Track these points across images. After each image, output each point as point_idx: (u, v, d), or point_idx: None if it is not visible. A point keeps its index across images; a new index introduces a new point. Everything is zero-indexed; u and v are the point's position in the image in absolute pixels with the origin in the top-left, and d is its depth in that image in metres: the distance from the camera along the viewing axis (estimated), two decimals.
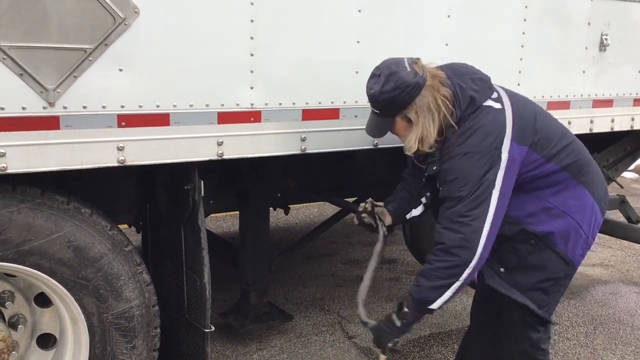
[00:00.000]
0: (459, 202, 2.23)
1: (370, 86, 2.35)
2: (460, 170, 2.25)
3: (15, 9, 2.00)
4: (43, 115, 2.11)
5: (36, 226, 2.27)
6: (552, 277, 2.43)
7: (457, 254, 2.22)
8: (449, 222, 2.25)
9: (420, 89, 2.27)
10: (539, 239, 2.39)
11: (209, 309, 2.68)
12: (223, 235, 5.80)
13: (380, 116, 2.39)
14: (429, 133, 2.30)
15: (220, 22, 2.38)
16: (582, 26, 3.44)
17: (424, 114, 2.28)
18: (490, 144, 2.25)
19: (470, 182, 2.23)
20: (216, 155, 2.46)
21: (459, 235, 2.22)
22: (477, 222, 2.22)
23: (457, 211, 2.24)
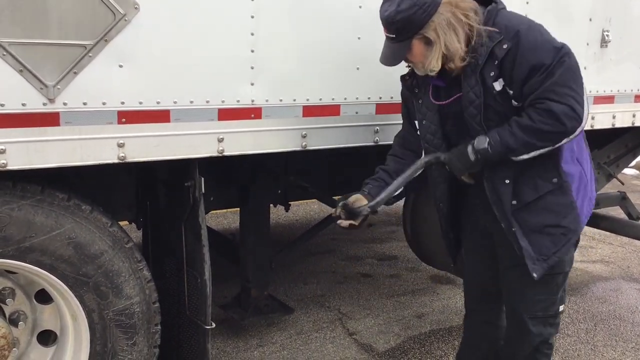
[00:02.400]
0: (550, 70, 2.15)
1: (385, 9, 2.26)
2: (534, 35, 2.19)
3: (15, 5, 2.00)
4: (43, 112, 2.11)
5: (37, 223, 2.27)
6: (562, 225, 2.37)
7: (564, 123, 2.16)
8: (550, 92, 2.15)
9: (438, 5, 2.20)
10: (562, 179, 2.34)
11: (209, 305, 2.68)
12: (223, 231, 5.80)
13: (396, 40, 2.28)
14: (454, 49, 2.22)
15: (221, 18, 2.37)
16: (583, 22, 3.43)
17: (444, 30, 2.21)
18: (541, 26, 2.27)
19: (550, 45, 2.18)
20: (217, 151, 2.46)
21: (567, 107, 2.15)
22: (578, 95, 2.17)
23: (555, 82, 2.15)
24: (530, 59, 2.18)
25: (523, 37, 2.19)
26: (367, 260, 5.36)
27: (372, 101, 2.82)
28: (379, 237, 5.95)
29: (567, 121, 2.16)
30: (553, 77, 2.16)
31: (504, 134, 2.24)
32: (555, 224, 2.38)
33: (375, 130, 2.87)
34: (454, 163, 2.38)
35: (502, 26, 2.24)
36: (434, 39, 2.22)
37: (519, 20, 2.28)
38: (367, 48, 2.71)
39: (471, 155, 2.30)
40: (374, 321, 4.15)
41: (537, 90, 2.17)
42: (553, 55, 2.17)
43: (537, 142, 2.22)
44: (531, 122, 2.19)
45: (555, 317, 2.54)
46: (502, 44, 2.21)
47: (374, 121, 2.85)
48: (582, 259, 5.47)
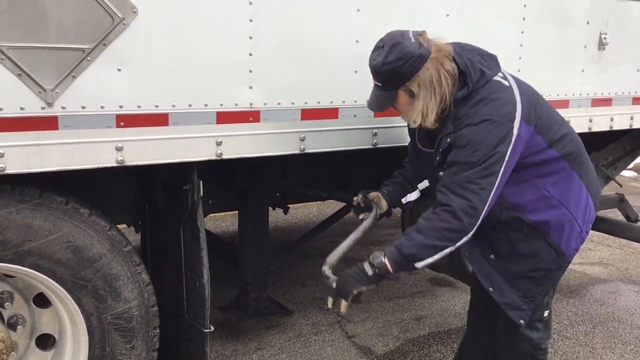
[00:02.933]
0: (470, 168, 2.18)
1: (373, 58, 2.31)
2: (475, 135, 2.20)
3: (14, 8, 2.00)
4: (41, 116, 2.11)
5: (35, 227, 2.27)
6: (542, 268, 2.41)
7: (461, 219, 2.17)
8: (458, 187, 2.19)
9: (425, 60, 2.23)
10: (533, 228, 2.37)
11: (208, 309, 2.68)
12: (222, 234, 5.80)
13: (383, 89, 2.34)
14: (431, 108, 2.26)
15: (219, 21, 2.37)
16: (581, 25, 3.44)
17: (427, 88, 2.24)
18: (506, 114, 2.22)
19: (483, 149, 2.18)
20: (215, 155, 2.46)
21: (467, 201, 2.17)
22: (485, 193, 2.18)
23: (467, 177, 2.18)
24: (460, 153, 2.23)
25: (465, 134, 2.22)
26: None
27: None
28: (377, 239, 5.94)
29: (464, 217, 2.17)
30: (467, 171, 2.19)
31: (402, 242, 2.26)
32: (534, 269, 2.42)
33: (374, 133, 2.87)
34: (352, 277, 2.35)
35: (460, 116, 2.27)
36: (417, 93, 2.27)
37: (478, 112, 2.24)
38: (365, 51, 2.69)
39: (368, 270, 2.31)
40: (372, 324, 4.15)
41: (448, 179, 2.23)
42: (482, 157, 2.18)
43: (437, 242, 2.20)
44: (428, 222, 2.22)
45: (541, 321, 2.56)
46: (448, 137, 2.30)
47: (373, 124, 2.85)
48: (580, 261, 5.48)
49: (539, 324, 2.56)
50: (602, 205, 4.48)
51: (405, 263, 2.26)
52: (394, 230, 6.15)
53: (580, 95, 3.50)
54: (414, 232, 2.25)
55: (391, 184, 2.74)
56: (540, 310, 2.54)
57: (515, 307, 2.45)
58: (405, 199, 2.76)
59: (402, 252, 2.25)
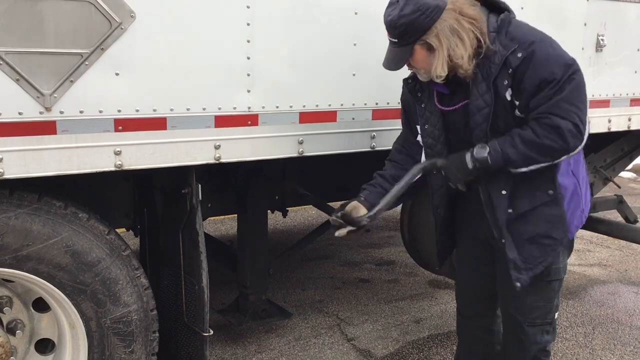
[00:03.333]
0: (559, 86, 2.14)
1: (388, 13, 2.27)
2: (545, 53, 2.17)
3: (11, 14, 2.00)
4: (40, 120, 2.11)
5: (34, 231, 2.27)
6: (551, 236, 2.38)
7: (567, 140, 2.16)
8: (557, 109, 2.15)
9: (441, 11, 2.19)
10: (557, 191, 2.35)
11: (207, 312, 2.68)
12: (221, 238, 5.80)
13: (398, 45, 2.28)
14: (460, 54, 2.20)
15: (217, 25, 2.38)
16: (578, 27, 3.45)
17: (447, 37, 2.20)
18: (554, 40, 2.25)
19: (562, 60, 2.17)
20: (213, 159, 2.46)
21: (572, 123, 2.15)
22: (582, 113, 2.18)
23: (564, 98, 2.15)
24: (541, 71, 2.17)
25: (536, 49, 2.18)
26: (365, 266, 5.36)
27: (368, 107, 2.83)
28: (376, 242, 5.95)
29: (570, 139, 2.17)
30: (561, 93, 2.15)
31: (505, 145, 2.23)
32: (546, 235, 2.39)
33: (372, 136, 2.87)
34: (451, 170, 2.37)
35: (516, 36, 2.23)
36: (436, 46, 2.21)
37: (532, 31, 2.27)
38: (363, 54, 2.72)
39: (469, 163, 2.29)
40: (372, 326, 4.15)
41: (544, 104, 2.17)
42: (564, 70, 2.16)
43: (537, 156, 2.22)
44: (535, 136, 2.19)
45: (552, 324, 2.55)
46: (517, 52, 2.20)
47: (371, 127, 2.86)
48: (579, 263, 5.48)
49: (549, 326, 2.54)
50: (601, 207, 4.50)
51: (503, 165, 2.26)
52: (393, 232, 6.15)
53: None
54: (519, 140, 2.21)
55: (369, 187, 2.62)
56: (552, 313, 2.53)
57: (517, 267, 2.41)
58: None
59: (506, 156, 2.23)
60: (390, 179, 2.58)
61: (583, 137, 2.21)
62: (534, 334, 2.51)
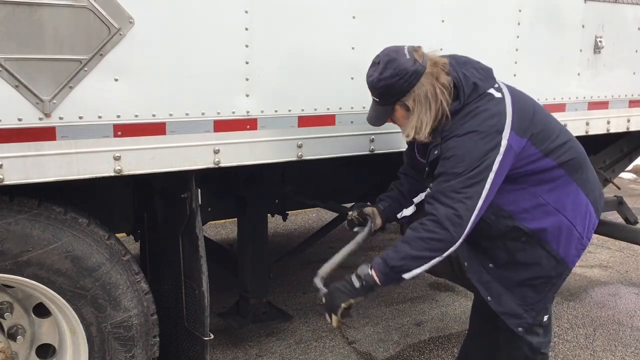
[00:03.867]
0: (455, 178, 2.21)
1: (370, 74, 2.35)
2: (461, 146, 2.23)
3: (10, 20, 2.01)
4: (39, 126, 2.12)
5: (34, 237, 2.28)
6: (542, 275, 2.42)
7: (447, 229, 2.18)
8: (443, 196, 2.22)
9: (420, 76, 2.26)
10: (530, 236, 2.38)
11: (207, 316, 2.68)
12: (222, 241, 5.80)
13: (380, 104, 2.39)
14: (425, 123, 2.29)
15: (215, 30, 2.38)
16: (576, 29, 3.46)
17: (421, 103, 2.27)
18: (492, 126, 2.24)
19: (469, 159, 2.21)
20: (213, 163, 2.47)
21: (453, 211, 2.19)
22: (471, 202, 2.20)
23: (452, 186, 2.21)
24: (445, 165, 2.26)
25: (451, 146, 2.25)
26: None
27: (367, 110, 2.80)
28: (377, 245, 5.94)
29: (450, 226, 2.19)
30: (453, 180, 2.21)
31: (388, 254, 2.27)
32: (534, 277, 2.43)
33: (371, 139, 2.88)
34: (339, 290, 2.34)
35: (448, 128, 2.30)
36: (412, 108, 2.30)
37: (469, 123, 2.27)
38: (362, 58, 2.72)
39: (355, 282, 2.31)
40: (373, 329, 4.15)
41: (434, 189, 2.26)
42: (467, 166, 2.20)
43: (424, 252, 2.22)
44: (414, 233, 2.24)
45: (541, 326, 2.57)
46: (435, 149, 2.32)
47: (370, 130, 2.86)
48: (580, 264, 5.48)
49: (539, 328, 2.56)
50: None
51: (392, 275, 2.27)
52: (394, 235, 6.15)
53: (576, 98, 3.51)
54: (400, 243, 2.27)
55: (387, 198, 2.74)
56: (540, 315, 2.54)
57: (514, 315, 2.46)
58: (401, 214, 2.76)
59: (389, 263, 2.25)
60: (407, 194, 2.73)
61: (465, 226, 2.20)
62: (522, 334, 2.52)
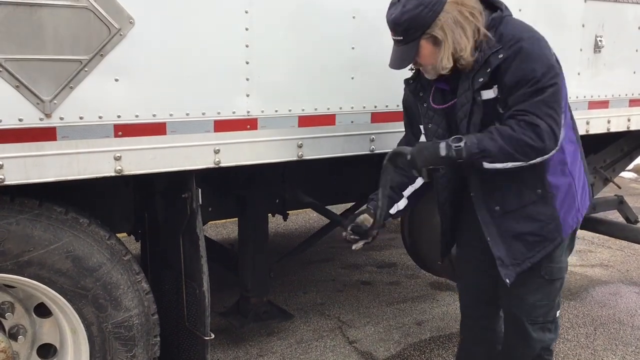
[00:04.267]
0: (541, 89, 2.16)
1: (391, 12, 2.28)
2: (531, 51, 2.19)
3: (11, 21, 2.01)
4: (40, 127, 2.12)
5: (35, 237, 2.28)
6: (539, 234, 2.39)
7: (545, 140, 2.17)
8: (539, 110, 2.16)
9: (443, 3, 2.21)
10: (546, 190, 2.35)
11: (208, 316, 2.68)
12: (223, 241, 5.81)
13: (404, 42, 2.29)
14: (464, 45, 2.23)
15: (215, 30, 2.39)
16: (576, 28, 3.45)
17: (452, 28, 2.21)
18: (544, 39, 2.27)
19: (545, 63, 2.18)
20: (213, 163, 2.47)
21: (551, 125, 2.17)
22: (559, 120, 2.20)
23: (544, 100, 2.16)
24: (523, 68, 2.19)
25: (523, 45, 2.20)
26: (366, 268, 5.36)
27: (367, 110, 2.84)
28: (377, 244, 5.95)
29: (547, 139, 2.18)
30: (542, 94, 2.17)
31: (483, 138, 2.24)
32: (532, 232, 2.40)
33: (371, 138, 2.88)
34: (422, 154, 2.30)
35: (505, 34, 2.24)
36: (442, 38, 2.23)
37: (523, 29, 2.27)
38: (362, 57, 2.73)
39: (443, 150, 2.26)
40: (374, 329, 4.15)
41: (524, 102, 2.19)
42: (544, 70, 2.18)
43: (514, 152, 2.21)
44: (512, 131, 2.20)
45: (553, 322, 2.56)
46: (499, 53, 2.22)
47: (370, 130, 2.87)
48: (581, 263, 5.48)
49: (551, 325, 2.55)
50: (601, 207, 4.50)
51: (478, 157, 2.24)
52: (394, 235, 6.15)
53: (576, 98, 3.51)
54: (497, 134, 2.21)
55: (375, 196, 2.63)
56: (553, 310, 2.54)
57: (503, 264, 2.43)
58: (395, 208, 2.71)
59: (482, 146, 2.22)
60: (397, 188, 2.63)
61: (558, 142, 2.21)
62: (536, 332, 2.52)
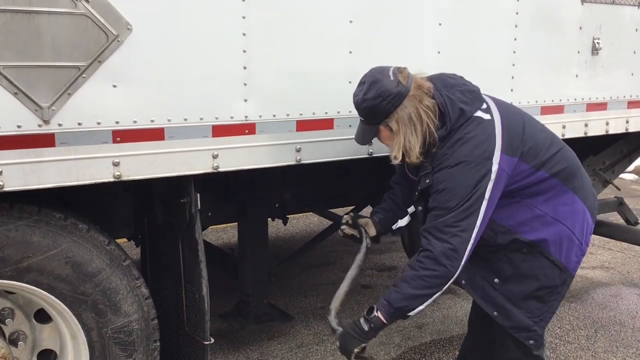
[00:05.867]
0: (448, 212, 2.23)
1: (355, 94, 2.37)
2: (452, 180, 2.25)
3: (9, 28, 2.02)
4: (38, 133, 2.13)
5: (34, 243, 2.29)
6: (547, 285, 2.43)
7: (444, 264, 2.22)
8: (438, 231, 2.24)
9: (403, 98, 2.27)
10: (532, 247, 2.39)
11: (208, 321, 2.69)
12: (223, 246, 5.81)
13: (365, 123, 2.41)
14: (412, 144, 2.29)
15: (213, 36, 2.40)
16: (574, 31, 3.46)
17: (405, 124, 2.28)
18: (482, 153, 2.25)
19: (461, 192, 2.22)
20: (211, 168, 2.48)
21: (448, 245, 2.21)
22: (466, 234, 2.22)
23: (445, 221, 2.23)
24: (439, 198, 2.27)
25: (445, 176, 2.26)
26: (367, 272, 5.36)
27: None
28: (378, 247, 5.95)
29: (445, 261, 2.22)
30: (447, 215, 2.23)
31: (391, 295, 2.30)
32: (540, 287, 2.44)
33: None
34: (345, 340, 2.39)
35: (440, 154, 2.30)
36: (395, 130, 2.31)
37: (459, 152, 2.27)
38: (359, 62, 2.73)
39: (365, 325, 2.35)
40: None
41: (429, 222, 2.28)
42: (459, 200, 2.22)
43: (424, 290, 2.26)
44: (414, 271, 2.26)
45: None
46: (425, 178, 2.33)
47: None
48: (581, 266, 5.39)
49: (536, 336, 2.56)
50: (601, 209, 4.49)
51: (398, 315, 2.33)
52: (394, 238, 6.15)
53: (575, 100, 3.52)
54: (401, 282, 2.30)
55: (381, 210, 2.75)
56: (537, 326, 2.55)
57: (524, 328, 2.46)
58: (396, 225, 2.78)
59: (393, 305, 2.30)
60: (402, 205, 2.74)
61: (462, 256, 2.23)
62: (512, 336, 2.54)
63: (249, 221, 3.60)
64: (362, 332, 2.36)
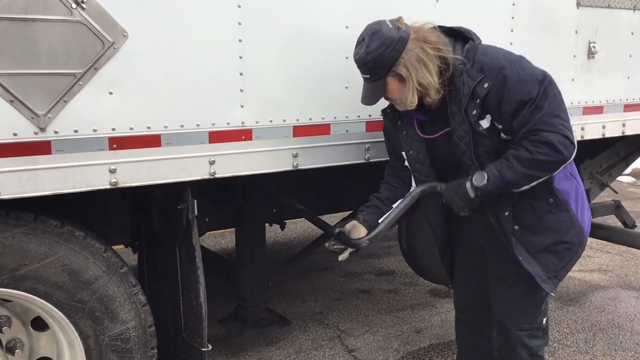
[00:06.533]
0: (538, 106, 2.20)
1: (357, 52, 2.34)
2: (516, 75, 2.23)
3: (5, 36, 2.02)
4: (34, 141, 2.13)
5: (30, 251, 2.28)
6: (566, 241, 2.42)
7: (561, 152, 2.20)
8: (544, 125, 2.20)
9: (405, 42, 2.26)
10: (558, 197, 2.38)
11: (205, 327, 2.68)
12: (221, 251, 5.81)
13: (371, 80, 2.36)
14: (428, 80, 2.27)
15: (209, 42, 2.40)
16: (570, 34, 3.47)
17: (414, 66, 2.26)
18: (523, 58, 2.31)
19: (534, 81, 2.22)
20: (208, 174, 2.48)
21: (561, 134, 2.20)
22: (567, 123, 2.23)
23: (546, 113, 2.20)
24: (516, 94, 2.22)
25: (507, 73, 2.24)
26: (365, 276, 5.36)
27: (362, 119, 2.84)
28: (376, 252, 5.95)
29: (564, 149, 2.21)
30: (542, 109, 2.21)
31: (503, 169, 2.28)
32: (558, 241, 2.43)
33: (366, 147, 2.89)
34: (453, 199, 2.42)
35: (485, 64, 2.28)
36: (406, 75, 2.28)
37: (500, 56, 2.31)
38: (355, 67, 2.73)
39: (471, 192, 2.34)
40: (373, 337, 4.14)
41: (528, 123, 2.22)
42: (537, 88, 2.21)
43: (536, 172, 2.26)
44: (529, 154, 2.23)
45: (539, 329, 2.57)
46: (483, 82, 2.26)
47: (365, 139, 2.87)
48: (579, 269, 5.48)
49: (538, 331, 2.57)
50: (598, 212, 4.51)
51: (505, 188, 2.31)
52: (392, 242, 6.15)
53: (571, 104, 3.52)
54: (514, 161, 2.26)
55: (367, 208, 2.72)
56: (539, 318, 2.56)
57: (542, 279, 2.43)
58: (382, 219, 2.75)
59: (505, 178, 2.27)
60: (387, 201, 2.67)
61: (574, 144, 2.25)
62: (523, 338, 2.53)
63: (246, 226, 3.59)
64: (468, 199, 2.36)
